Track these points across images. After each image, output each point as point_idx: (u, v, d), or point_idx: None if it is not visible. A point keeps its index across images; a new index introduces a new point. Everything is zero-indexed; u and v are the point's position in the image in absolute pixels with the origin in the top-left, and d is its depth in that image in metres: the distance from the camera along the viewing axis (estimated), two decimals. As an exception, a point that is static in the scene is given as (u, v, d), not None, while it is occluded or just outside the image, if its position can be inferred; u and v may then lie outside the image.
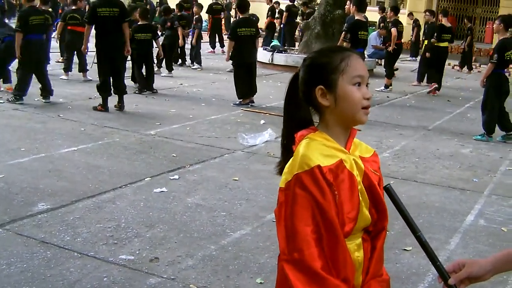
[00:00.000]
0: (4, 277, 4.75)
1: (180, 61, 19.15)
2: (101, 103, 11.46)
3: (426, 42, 18.69)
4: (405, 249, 5.78)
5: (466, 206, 7.22)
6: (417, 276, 5.27)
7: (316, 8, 20.39)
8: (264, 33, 24.33)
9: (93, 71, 14.88)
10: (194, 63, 19.25)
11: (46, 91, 11.89)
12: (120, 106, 11.66)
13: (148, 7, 19.29)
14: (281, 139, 2.57)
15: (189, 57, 19.54)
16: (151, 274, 4.97)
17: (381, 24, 20.33)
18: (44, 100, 11.82)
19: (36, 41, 11.61)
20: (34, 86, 12.46)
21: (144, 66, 14.16)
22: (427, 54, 17.53)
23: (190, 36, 19.64)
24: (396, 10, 18.64)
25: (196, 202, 6.73)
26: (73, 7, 15.18)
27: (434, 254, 2.35)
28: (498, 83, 11.01)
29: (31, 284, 4.68)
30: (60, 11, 17.11)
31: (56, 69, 15.79)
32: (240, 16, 13.49)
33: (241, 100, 12.97)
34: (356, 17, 13.68)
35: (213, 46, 23.76)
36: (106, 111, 11.37)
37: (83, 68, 15.00)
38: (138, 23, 14.24)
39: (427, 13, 20.12)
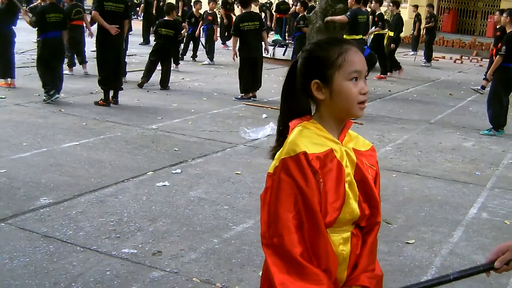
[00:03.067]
0: (7, 271, 4.75)
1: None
2: (103, 98, 11.44)
3: (391, 33, 18.88)
4: (407, 242, 5.78)
5: (469, 199, 7.21)
6: (420, 268, 5.26)
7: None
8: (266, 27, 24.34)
9: (91, 65, 14.90)
10: (207, 58, 19.25)
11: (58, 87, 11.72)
12: (115, 100, 11.67)
13: None
14: (277, 125, 2.58)
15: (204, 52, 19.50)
16: (154, 268, 4.97)
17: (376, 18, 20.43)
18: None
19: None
20: (34, 81, 12.46)
21: (161, 62, 14.09)
22: (392, 46, 18.64)
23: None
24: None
25: (198, 196, 6.72)
26: (73, 2, 15.02)
27: (474, 268, 2.36)
28: (505, 77, 10.88)
29: (33, 278, 4.68)
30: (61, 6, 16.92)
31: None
32: (243, 11, 13.47)
33: (243, 94, 12.98)
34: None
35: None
36: (107, 105, 11.35)
37: (82, 60, 15.02)
38: (164, 18, 14.40)
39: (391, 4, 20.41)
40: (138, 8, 28.68)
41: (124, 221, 5.91)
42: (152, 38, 18.17)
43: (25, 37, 17.58)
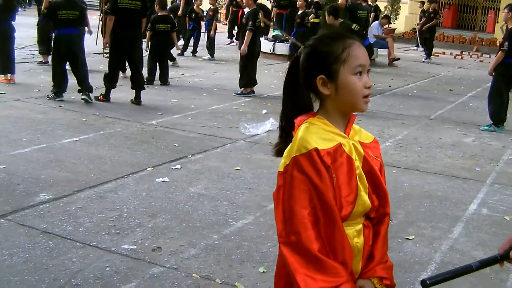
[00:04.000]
0: (7, 267, 4.75)
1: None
2: (103, 93, 11.36)
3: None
4: (407, 238, 5.77)
5: (469, 195, 7.21)
6: (420, 264, 5.26)
7: None
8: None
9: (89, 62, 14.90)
10: (208, 53, 19.21)
11: (83, 87, 11.34)
12: (138, 101, 11.38)
13: None
14: (279, 121, 2.58)
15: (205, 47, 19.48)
16: (153, 264, 4.96)
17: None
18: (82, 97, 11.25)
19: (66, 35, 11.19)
20: (33, 76, 12.44)
21: (160, 58, 14.06)
22: None
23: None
24: None
25: (198, 192, 6.72)
26: None
27: (492, 258, 2.36)
28: (507, 73, 10.86)
29: (33, 274, 4.67)
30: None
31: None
32: (251, 8, 13.47)
33: (242, 89, 12.99)
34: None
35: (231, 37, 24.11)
36: (107, 101, 11.27)
37: None
38: (158, 14, 14.21)
39: None
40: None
41: (124, 217, 5.90)
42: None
43: (25, 32, 17.54)
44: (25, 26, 17.29)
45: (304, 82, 2.44)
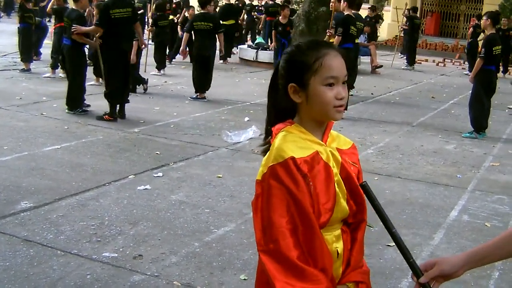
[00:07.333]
0: (-14, 276, 4.73)
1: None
2: (108, 112, 10.62)
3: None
4: (388, 245, 5.77)
5: (450, 202, 7.24)
6: (401, 271, 5.28)
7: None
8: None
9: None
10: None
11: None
12: (122, 114, 10.82)
13: None
14: (265, 125, 2.60)
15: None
16: (134, 271, 4.95)
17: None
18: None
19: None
20: (15, 84, 12.38)
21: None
22: None
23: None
24: None
25: (179, 199, 6.72)
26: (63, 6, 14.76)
27: (408, 251, 2.35)
28: (487, 80, 10.97)
29: (14, 282, 4.65)
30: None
31: (40, 67, 15.73)
32: (201, 11, 13.67)
33: (197, 94, 13.10)
34: (346, 13, 13.69)
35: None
36: (115, 120, 10.54)
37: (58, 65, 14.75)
38: None
39: None
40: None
41: (105, 224, 5.89)
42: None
43: (7, 39, 17.49)
44: (8, 33, 17.22)
45: (282, 88, 2.46)
